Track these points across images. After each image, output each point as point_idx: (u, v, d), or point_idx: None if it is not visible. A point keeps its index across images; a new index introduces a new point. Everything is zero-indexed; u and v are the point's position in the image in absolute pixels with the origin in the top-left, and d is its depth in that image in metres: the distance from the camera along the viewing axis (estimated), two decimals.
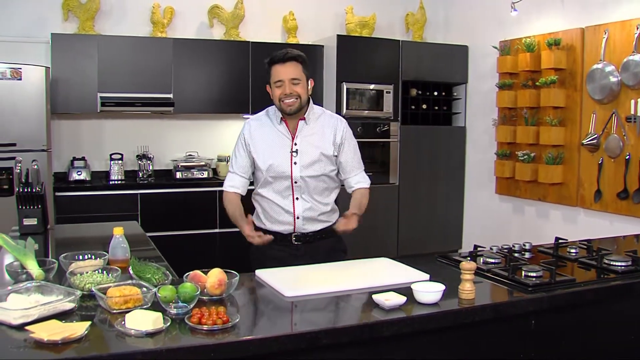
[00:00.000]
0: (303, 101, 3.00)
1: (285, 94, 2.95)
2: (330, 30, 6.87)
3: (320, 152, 3.05)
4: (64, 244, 3.37)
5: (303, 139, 3.05)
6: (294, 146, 3.04)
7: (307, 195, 3.06)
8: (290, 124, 3.07)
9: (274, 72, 2.98)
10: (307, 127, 3.07)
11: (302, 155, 3.03)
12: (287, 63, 2.96)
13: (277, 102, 2.99)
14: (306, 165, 3.03)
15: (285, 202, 3.05)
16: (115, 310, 2.04)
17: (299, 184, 3.04)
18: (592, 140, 5.22)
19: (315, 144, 3.06)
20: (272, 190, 3.07)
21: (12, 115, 5.10)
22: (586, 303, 2.48)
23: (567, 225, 5.57)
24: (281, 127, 3.07)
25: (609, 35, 5.07)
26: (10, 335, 1.86)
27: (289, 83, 2.95)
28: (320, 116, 3.14)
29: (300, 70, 2.98)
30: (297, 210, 3.05)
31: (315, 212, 3.07)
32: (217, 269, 2.28)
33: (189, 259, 2.67)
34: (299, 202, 3.05)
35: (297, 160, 3.03)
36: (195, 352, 1.80)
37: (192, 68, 6.13)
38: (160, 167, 6.41)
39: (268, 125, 3.11)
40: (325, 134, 3.10)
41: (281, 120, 3.06)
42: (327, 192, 3.13)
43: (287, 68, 2.96)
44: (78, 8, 5.91)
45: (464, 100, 6.95)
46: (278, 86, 2.97)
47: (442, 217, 6.93)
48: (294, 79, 2.96)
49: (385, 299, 2.12)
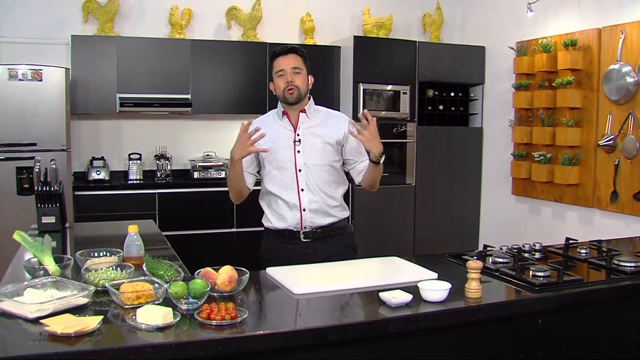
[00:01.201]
0: (302, 91, 3.08)
1: (288, 81, 3.05)
2: (347, 31, 6.91)
3: (323, 141, 3.10)
4: (81, 242, 3.43)
5: (305, 130, 3.11)
6: (297, 136, 3.10)
7: (312, 186, 3.07)
8: (292, 116, 3.14)
9: (276, 65, 3.10)
10: (309, 120, 3.14)
11: (305, 143, 3.09)
12: (289, 55, 3.09)
13: (280, 92, 3.08)
14: (309, 152, 3.07)
15: (291, 195, 3.07)
16: (127, 306, 2.09)
17: (304, 173, 3.07)
18: (608, 141, 5.19)
19: (317, 134, 3.11)
20: (277, 184, 3.10)
21: (32, 115, 5.20)
22: (594, 303, 2.48)
23: (583, 227, 5.55)
24: (283, 120, 3.15)
25: (625, 36, 5.05)
26: (26, 328, 1.92)
27: (290, 72, 3.05)
28: (321, 111, 3.22)
29: (300, 61, 3.10)
30: (302, 202, 3.06)
31: (321, 204, 3.08)
32: (227, 266, 2.33)
33: (206, 258, 2.72)
34: (304, 193, 3.07)
35: (300, 149, 3.08)
36: (203, 346, 1.84)
37: (209, 69, 6.19)
38: (178, 167, 6.48)
39: (271, 121, 3.17)
40: (329, 125, 3.15)
41: (283, 114, 3.14)
42: (334, 185, 3.14)
43: (289, 59, 3.08)
44: (98, 10, 6.00)
45: (480, 101, 6.94)
46: (280, 75, 3.08)
47: (459, 218, 6.92)
48: (295, 67, 3.07)
49: (392, 297, 2.15)
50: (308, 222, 3.08)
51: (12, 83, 5.12)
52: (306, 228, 3.09)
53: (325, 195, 3.10)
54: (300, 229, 3.09)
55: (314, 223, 3.09)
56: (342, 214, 3.18)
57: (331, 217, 3.13)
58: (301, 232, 3.09)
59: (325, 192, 3.10)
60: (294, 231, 3.10)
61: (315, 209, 3.08)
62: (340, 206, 3.18)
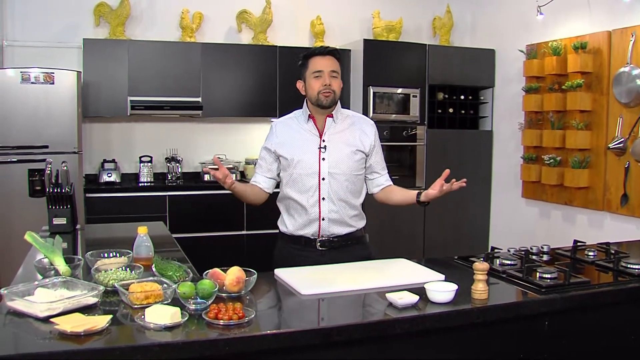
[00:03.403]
0: (337, 96, 3.00)
1: (325, 84, 2.94)
2: (357, 35, 6.92)
3: (349, 150, 3.03)
4: (92, 243, 3.46)
5: (331, 136, 3.03)
6: (322, 142, 3.01)
7: (333, 195, 3.00)
8: (318, 121, 3.04)
9: (312, 64, 2.99)
10: (335, 125, 3.05)
11: (330, 151, 3.00)
12: (328, 56, 2.99)
13: (314, 94, 2.97)
14: (335, 161, 3.00)
15: (311, 202, 2.99)
16: (136, 305, 2.12)
17: (327, 182, 2.99)
18: (618, 144, 5.18)
19: (344, 141, 3.04)
20: (297, 190, 3.02)
21: (44, 118, 5.25)
22: (600, 305, 2.48)
23: (593, 230, 5.53)
24: (309, 125, 3.05)
25: (636, 39, 5.04)
26: (36, 326, 1.95)
27: (328, 75, 2.96)
28: (349, 116, 3.12)
29: (338, 65, 3.02)
30: (322, 212, 2.99)
31: (341, 214, 3.02)
32: (236, 267, 2.35)
33: (216, 260, 2.71)
34: (325, 202, 2.99)
35: (326, 157, 2.99)
36: (210, 345, 1.86)
37: (220, 72, 6.22)
38: (188, 169, 6.52)
39: (295, 124, 3.09)
40: (355, 133, 3.07)
41: (309, 118, 3.05)
42: (354, 195, 3.07)
43: (328, 61, 2.98)
44: (109, 14, 6.05)
45: (490, 104, 6.94)
46: (317, 76, 2.97)
47: (469, 221, 6.92)
48: (333, 71, 2.98)
49: (399, 298, 2.17)
50: (326, 231, 3.02)
51: (25, 86, 5.17)
52: (323, 237, 3.03)
53: (345, 205, 3.04)
54: (317, 237, 3.03)
55: (332, 232, 3.03)
56: (359, 224, 3.12)
57: (349, 227, 3.07)
58: (318, 240, 3.04)
59: (347, 202, 3.04)
60: (310, 239, 3.04)
61: (335, 219, 3.02)
62: (358, 215, 3.12)
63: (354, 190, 3.07)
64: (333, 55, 3.01)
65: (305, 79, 3.03)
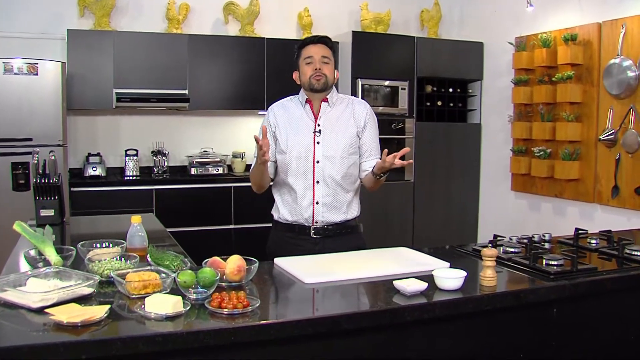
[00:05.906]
0: (329, 80, 3.05)
1: (316, 68, 3.01)
2: (345, 27, 6.86)
3: (344, 134, 3.06)
4: (81, 236, 3.34)
5: (326, 120, 3.07)
6: (317, 126, 3.05)
7: (328, 179, 3.02)
8: (315, 105, 3.09)
9: (304, 52, 3.07)
10: (331, 110, 3.09)
11: (325, 135, 3.04)
12: (319, 44, 3.07)
13: (306, 79, 3.04)
14: (329, 144, 3.03)
15: (305, 186, 3.02)
16: (134, 295, 2.04)
17: (321, 165, 3.02)
18: (609, 135, 5.17)
19: (338, 125, 3.07)
20: (292, 174, 3.04)
21: (28, 110, 5.13)
22: (608, 291, 2.45)
23: (584, 222, 5.51)
24: (305, 108, 3.10)
25: (626, 30, 5.02)
26: (29, 318, 1.86)
27: (319, 60, 3.03)
28: (345, 100, 3.17)
29: (330, 52, 3.08)
30: (316, 195, 3.02)
31: (334, 198, 3.03)
32: (236, 255, 2.28)
33: (204, 254, 2.65)
34: (319, 186, 3.02)
35: (320, 140, 3.03)
36: (216, 335, 1.79)
37: (207, 64, 6.13)
38: (175, 163, 6.42)
39: (292, 107, 3.14)
40: (349, 117, 3.11)
41: (306, 102, 3.10)
42: (348, 180, 3.08)
43: (319, 48, 3.06)
44: (94, 4, 5.93)
45: (479, 97, 6.91)
46: (308, 62, 3.04)
47: (458, 214, 6.89)
48: (324, 56, 3.05)
49: (407, 285, 2.11)
50: (320, 216, 3.03)
51: (8, 77, 5.05)
52: (317, 223, 3.03)
53: (340, 189, 3.06)
54: (311, 224, 3.04)
55: (325, 219, 3.04)
56: (354, 211, 3.13)
57: (344, 213, 3.08)
58: (312, 227, 3.04)
59: (341, 186, 3.05)
60: (304, 226, 3.05)
61: (329, 203, 3.03)
62: (353, 202, 3.13)
63: (348, 174, 3.09)
64: (325, 44, 3.09)
65: (299, 68, 3.11)
